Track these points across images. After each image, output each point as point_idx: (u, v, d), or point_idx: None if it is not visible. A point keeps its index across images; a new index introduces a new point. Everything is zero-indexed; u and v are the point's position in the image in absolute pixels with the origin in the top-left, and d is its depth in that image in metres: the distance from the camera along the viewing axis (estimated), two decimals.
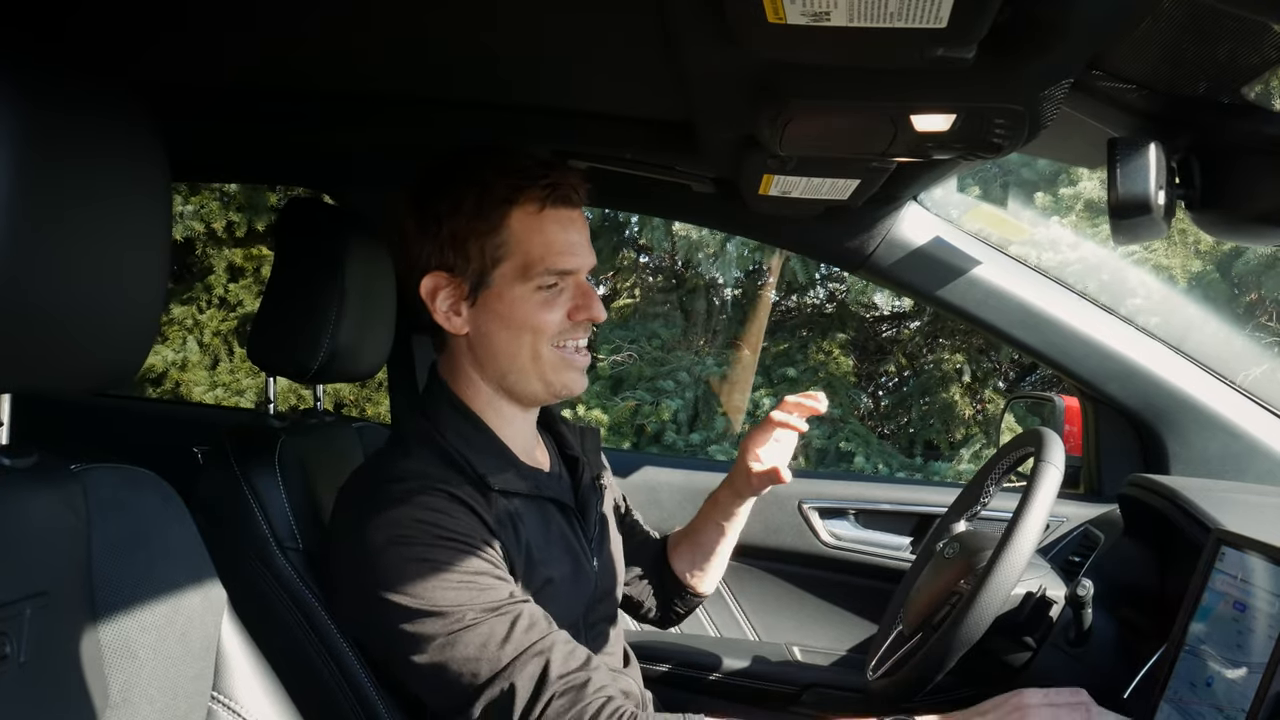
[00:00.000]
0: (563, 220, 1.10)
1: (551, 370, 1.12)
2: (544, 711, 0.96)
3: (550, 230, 1.09)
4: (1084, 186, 4.71)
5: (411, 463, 1.07)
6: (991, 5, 0.75)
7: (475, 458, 1.09)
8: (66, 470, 0.74)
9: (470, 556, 1.00)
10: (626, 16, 1.03)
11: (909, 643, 1.26)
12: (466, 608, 0.98)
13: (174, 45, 1.27)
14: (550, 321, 1.10)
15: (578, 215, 1.13)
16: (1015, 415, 4.31)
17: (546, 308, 1.10)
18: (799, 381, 5.68)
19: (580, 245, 1.12)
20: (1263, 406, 1.61)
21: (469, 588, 0.99)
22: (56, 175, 0.64)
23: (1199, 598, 1.01)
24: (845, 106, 1.02)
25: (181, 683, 0.79)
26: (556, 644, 1.00)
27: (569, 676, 0.98)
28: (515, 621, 0.99)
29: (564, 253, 1.09)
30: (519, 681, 0.97)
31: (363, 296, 1.28)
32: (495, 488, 1.08)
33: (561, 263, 1.09)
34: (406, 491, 1.02)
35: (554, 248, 1.09)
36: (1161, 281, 4.38)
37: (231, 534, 1.13)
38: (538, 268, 1.08)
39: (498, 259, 1.09)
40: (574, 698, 0.97)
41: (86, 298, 0.68)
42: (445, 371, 1.16)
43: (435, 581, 0.98)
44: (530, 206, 1.09)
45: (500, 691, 0.97)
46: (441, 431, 1.11)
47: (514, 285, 1.09)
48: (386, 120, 1.52)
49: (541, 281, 1.09)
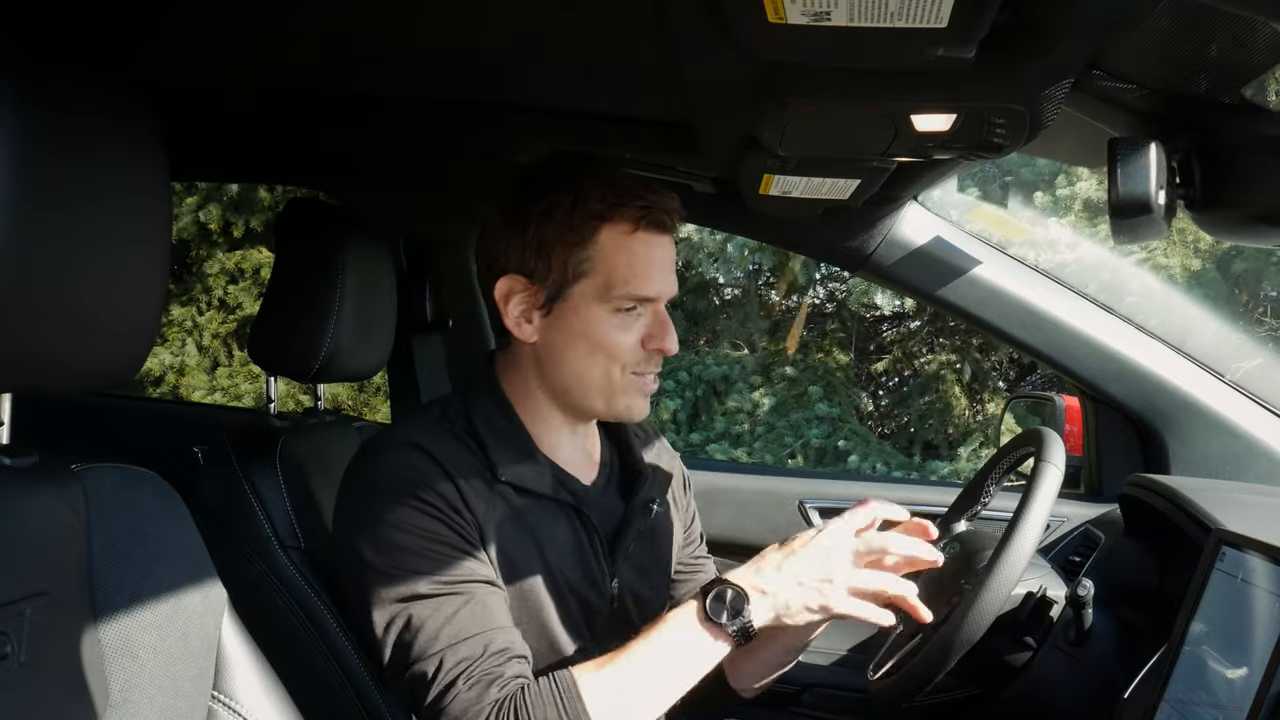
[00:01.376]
0: (652, 244, 1.07)
1: (619, 393, 1.09)
2: (452, 700, 0.94)
3: (638, 253, 1.06)
4: (1081, 187, 4.72)
5: (417, 432, 1.07)
6: (991, 5, 0.75)
7: (495, 447, 1.08)
8: (66, 470, 0.74)
9: (438, 524, 1.00)
10: (626, 16, 1.03)
11: (909, 643, 1.26)
12: (420, 575, 0.98)
13: (174, 45, 1.27)
14: (623, 345, 1.08)
15: (668, 241, 1.10)
16: (1015, 415, 4.31)
17: (621, 331, 1.07)
18: (798, 381, 5.69)
19: (665, 272, 1.09)
20: (1263, 406, 1.61)
21: (424, 556, 0.99)
22: (56, 175, 0.64)
23: (1199, 598, 1.01)
24: (845, 106, 1.02)
25: (182, 682, 0.79)
26: (495, 635, 0.98)
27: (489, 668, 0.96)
28: (463, 600, 0.98)
29: (647, 278, 1.07)
30: (446, 663, 0.95)
31: (363, 296, 1.28)
32: (502, 479, 1.06)
33: (643, 288, 1.07)
34: (400, 454, 1.03)
35: (638, 271, 1.06)
36: (1161, 281, 4.38)
37: (232, 533, 1.14)
38: (619, 289, 1.06)
39: (580, 273, 1.06)
40: (480, 694, 0.94)
41: (87, 297, 0.68)
42: (501, 366, 1.15)
43: (401, 541, 0.99)
44: (623, 225, 1.06)
45: (424, 671, 0.96)
46: (472, 415, 1.10)
47: (591, 303, 1.06)
48: (386, 120, 1.52)
49: (620, 304, 1.07)
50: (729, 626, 0.97)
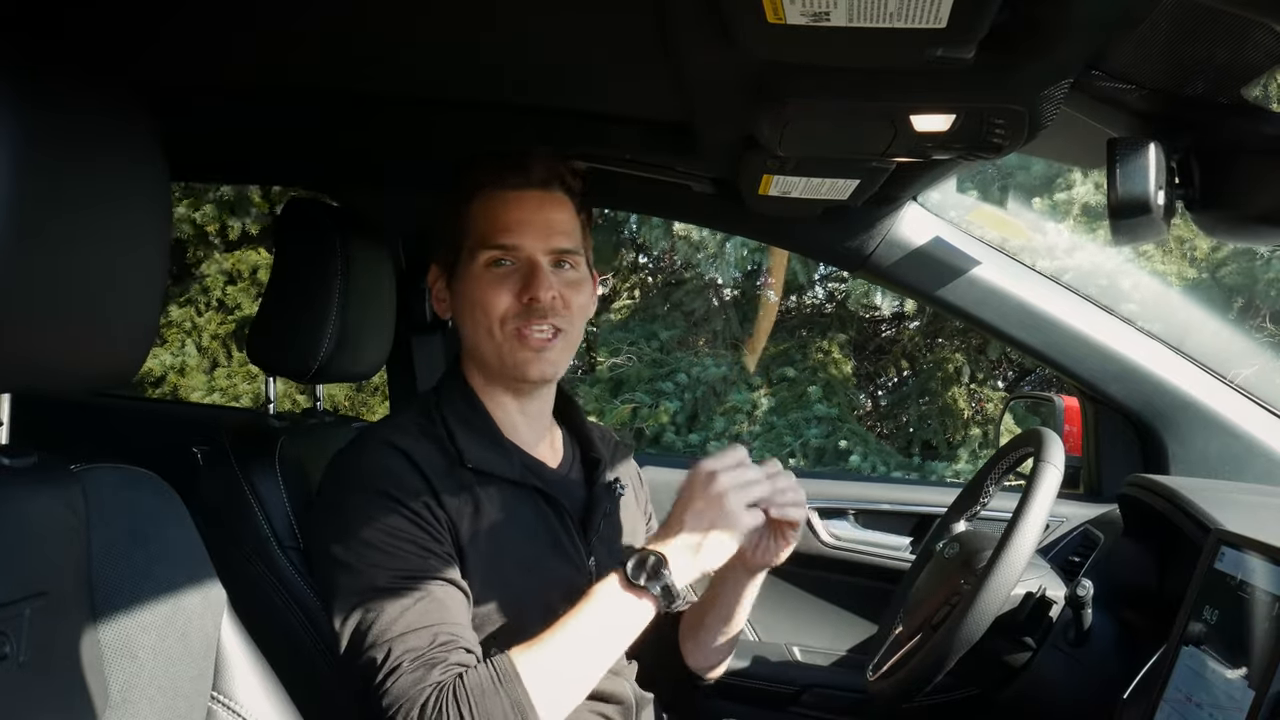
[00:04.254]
0: (519, 200, 1.12)
1: (506, 350, 1.12)
2: (394, 683, 0.96)
3: (498, 208, 1.12)
4: (1078, 192, 4.71)
5: (387, 427, 1.12)
6: (991, 5, 0.75)
7: (462, 435, 1.12)
8: (66, 470, 0.74)
9: (403, 520, 1.03)
10: (625, 17, 1.03)
11: (909, 643, 1.26)
12: (380, 569, 1.00)
13: (174, 45, 1.27)
14: (498, 302, 1.11)
15: (543, 197, 1.14)
16: (1015, 415, 4.31)
17: (494, 287, 1.11)
18: (798, 381, 5.68)
19: (532, 224, 1.12)
20: (1262, 406, 1.61)
21: (382, 550, 1.01)
22: (56, 176, 0.64)
23: (1198, 598, 1.01)
24: (845, 107, 1.02)
25: (181, 683, 0.79)
26: (441, 630, 0.99)
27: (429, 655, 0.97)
28: (417, 595, 1.00)
29: (507, 229, 1.11)
30: (394, 651, 0.97)
31: (363, 296, 1.28)
32: (469, 465, 1.10)
33: (503, 237, 1.11)
34: (366, 448, 1.08)
35: (498, 224, 1.11)
36: (1159, 283, 4.38)
37: (232, 534, 1.13)
38: (484, 243, 1.11)
39: (460, 243, 1.14)
40: (420, 676, 0.96)
41: (86, 297, 0.68)
42: (463, 357, 1.21)
43: (367, 536, 1.01)
44: (489, 189, 1.13)
45: (372, 658, 0.97)
46: (439, 407, 1.15)
47: (469, 264, 1.13)
48: (386, 120, 1.53)
49: (488, 257, 1.11)
50: (652, 588, 0.99)
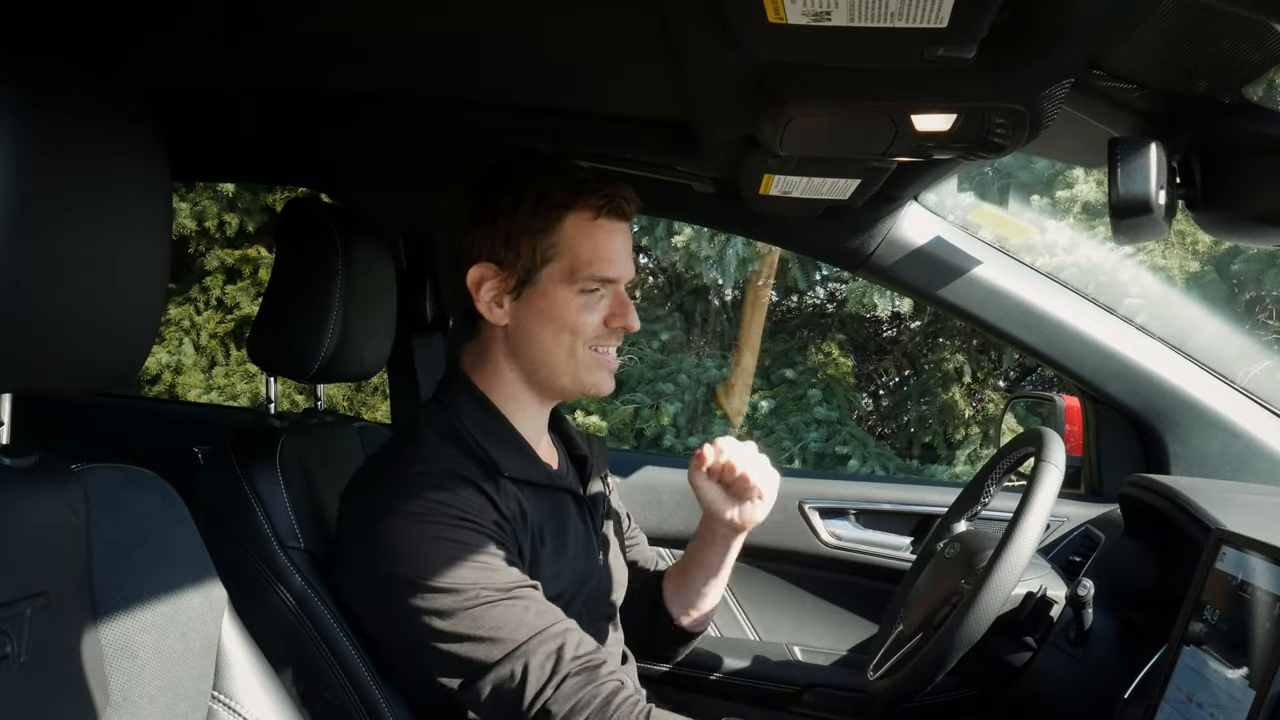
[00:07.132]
0: (613, 231, 1.16)
1: (584, 369, 1.17)
2: (557, 689, 0.99)
3: (600, 238, 1.15)
4: (1080, 190, 4.71)
5: (425, 447, 1.12)
6: (992, 5, 0.75)
7: (491, 445, 1.13)
8: (66, 470, 0.74)
9: (483, 538, 1.04)
10: (626, 16, 1.03)
11: (909, 643, 1.26)
12: (480, 586, 1.02)
13: (174, 46, 1.27)
14: (588, 324, 1.16)
15: (626, 228, 1.19)
16: (1015, 415, 4.32)
17: (586, 310, 1.15)
18: (797, 382, 5.68)
19: (624, 256, 1.17)
20: (1263, 406, 1.61)
21: (483, 568, 1.03)
22: (57, 176, 0.64)
23: (1199, 597, 1.01)
24: (845, 106, 1.02)
25: (182, 683, 0.79)
26: (570, 629, 1.04)
27: (584, 658, 1.02)
28: (528, 604, 1.03)
29: (610, 261, 1.15)
30: (533, 661, 1.00)
31: (363, 296, 1.28)
32: (506, 474, 1.11)
33: (606, 270, 1.15)
34: (421, 474, 1.07)
35: (601, 255, 1.14)
36: (1160, 281, 4.37)
37: (232, 534, 1.13)
38: (584, 272, 1.14)
39: (547, 259, 1.14)
40: (588, 677, 1.01)
41: (87, 298, 0.68)
42: (469, 362, 1.20)
43: (449, 560, 1.02)
44: (585, 214, 1.14)
45: (511, 671, 1.00)
46: (459, 418, 1.15)
47: (559, 286, 1.14)
48: (386, 120, 1.52)
49: (585, 285, 1.14)
50: None
